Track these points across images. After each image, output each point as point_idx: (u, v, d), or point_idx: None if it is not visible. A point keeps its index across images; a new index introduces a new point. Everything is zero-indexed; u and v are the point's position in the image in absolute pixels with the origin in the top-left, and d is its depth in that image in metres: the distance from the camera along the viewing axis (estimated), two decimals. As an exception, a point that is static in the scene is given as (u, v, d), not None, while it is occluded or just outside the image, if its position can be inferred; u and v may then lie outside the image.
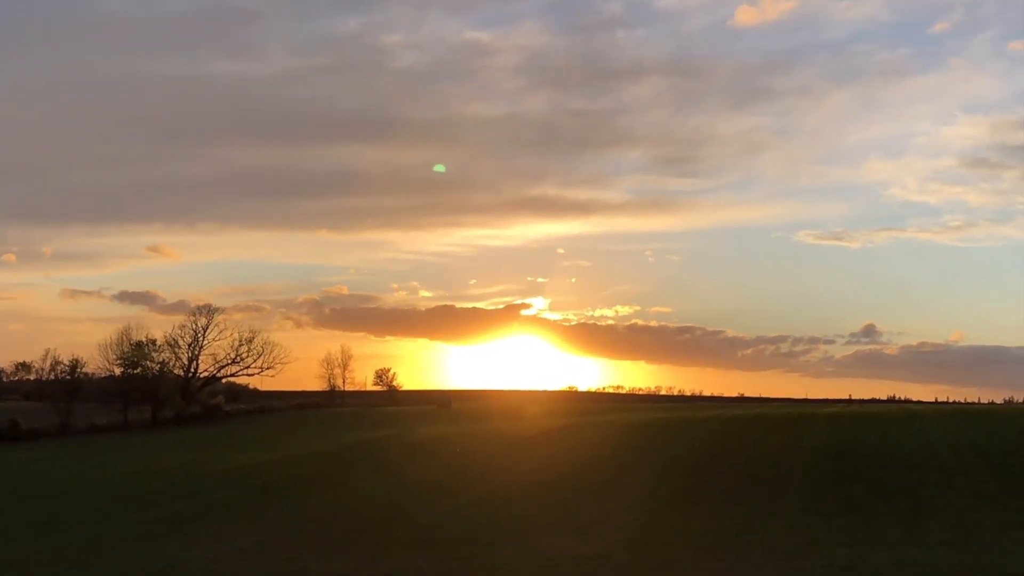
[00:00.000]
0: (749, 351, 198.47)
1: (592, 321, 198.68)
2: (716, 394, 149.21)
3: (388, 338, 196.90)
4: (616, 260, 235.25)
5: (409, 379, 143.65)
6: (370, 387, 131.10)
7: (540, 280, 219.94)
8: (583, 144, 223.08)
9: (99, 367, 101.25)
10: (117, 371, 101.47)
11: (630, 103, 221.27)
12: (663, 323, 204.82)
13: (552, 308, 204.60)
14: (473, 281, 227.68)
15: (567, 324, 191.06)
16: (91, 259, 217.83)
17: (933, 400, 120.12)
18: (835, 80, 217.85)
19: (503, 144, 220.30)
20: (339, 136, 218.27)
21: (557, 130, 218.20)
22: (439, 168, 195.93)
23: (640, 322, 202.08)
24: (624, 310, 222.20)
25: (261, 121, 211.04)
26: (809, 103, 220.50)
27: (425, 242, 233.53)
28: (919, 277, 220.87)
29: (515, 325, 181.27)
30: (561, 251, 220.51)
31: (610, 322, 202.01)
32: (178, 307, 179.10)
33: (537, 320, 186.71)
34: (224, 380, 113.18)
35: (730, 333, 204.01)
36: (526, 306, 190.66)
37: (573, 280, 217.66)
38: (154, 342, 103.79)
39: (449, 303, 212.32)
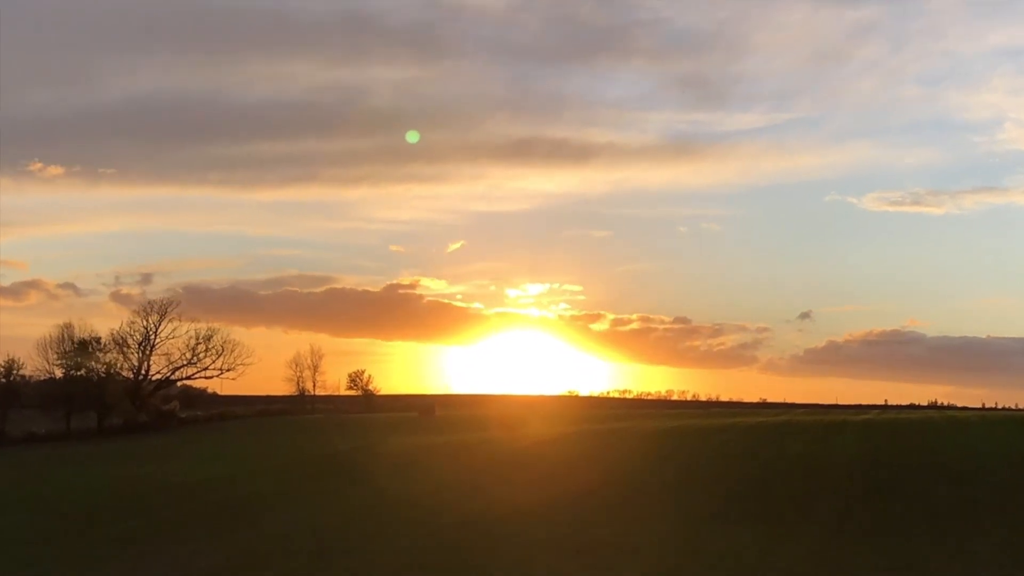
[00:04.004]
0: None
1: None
2: (735, 399, 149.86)
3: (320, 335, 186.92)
4: (619, 229, 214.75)
5: (384, 382, 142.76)
6: (344, 391, 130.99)
7: (539, 257, 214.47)
8: (605, 52, 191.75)
9: (38, 368, 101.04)
10: (58, 373, 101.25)
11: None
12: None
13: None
14: (453, 250, 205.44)
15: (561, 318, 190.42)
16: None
17: (980, 406, 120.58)
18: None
19: (503, 58, 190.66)
20: (282, 50, 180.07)
21: (576, 28, 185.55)
22: (412, 137, 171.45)
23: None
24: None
25: (170, 25, 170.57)
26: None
27: (397, 204, 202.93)
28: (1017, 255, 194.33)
29: (509, 320, 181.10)
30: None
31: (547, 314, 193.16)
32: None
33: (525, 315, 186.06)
34: (179, 383, 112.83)
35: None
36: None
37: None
38: (99, 340, 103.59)
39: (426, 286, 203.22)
